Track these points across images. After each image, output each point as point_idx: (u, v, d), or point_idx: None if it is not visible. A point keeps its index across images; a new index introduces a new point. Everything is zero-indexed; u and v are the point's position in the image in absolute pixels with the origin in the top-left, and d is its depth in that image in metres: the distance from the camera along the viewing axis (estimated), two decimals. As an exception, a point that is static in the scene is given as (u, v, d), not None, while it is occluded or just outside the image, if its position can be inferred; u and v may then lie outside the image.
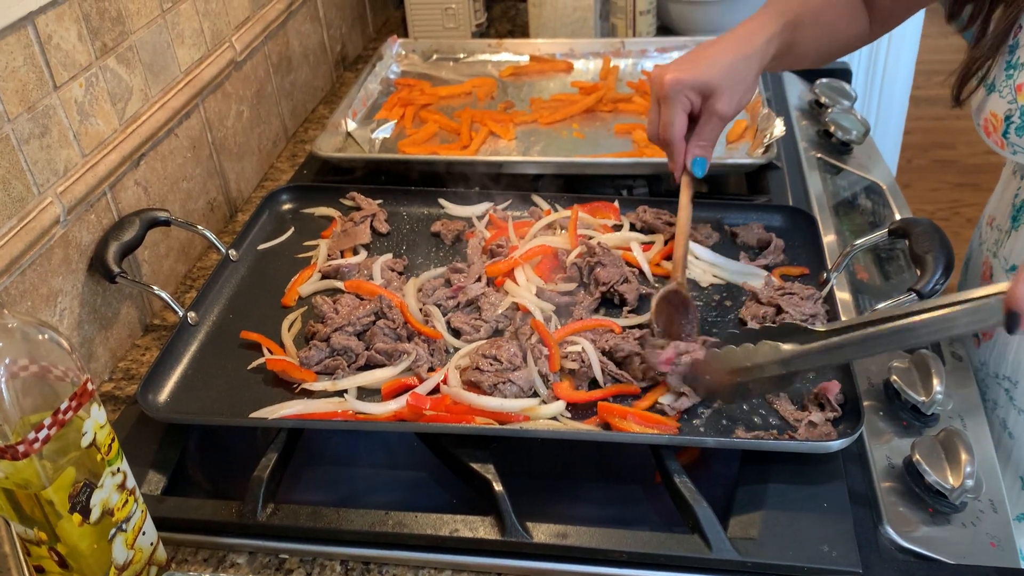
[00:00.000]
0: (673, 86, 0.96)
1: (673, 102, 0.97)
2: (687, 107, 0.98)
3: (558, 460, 0.94)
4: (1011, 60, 0.94)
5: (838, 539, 0.77)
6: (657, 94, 0.98)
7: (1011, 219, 1.02)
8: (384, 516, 0.81)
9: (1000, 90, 0.95)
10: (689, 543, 0.77)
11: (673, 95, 0.96)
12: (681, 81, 0.96)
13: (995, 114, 0.95)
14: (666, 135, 0.99)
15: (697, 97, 0.97)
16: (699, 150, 1.01)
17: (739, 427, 0.87)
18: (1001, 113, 0.94)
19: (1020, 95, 0.93)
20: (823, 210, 1.26)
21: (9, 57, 0.87)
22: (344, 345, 0.97)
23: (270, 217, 1.24)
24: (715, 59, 0.96)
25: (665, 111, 0.98)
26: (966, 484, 0.79)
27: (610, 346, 0.95)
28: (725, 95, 0.97)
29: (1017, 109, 0.93)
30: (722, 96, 0.97)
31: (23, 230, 0.89)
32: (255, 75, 1.40)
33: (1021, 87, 0.93)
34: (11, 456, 0.63)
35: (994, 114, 0.95)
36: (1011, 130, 0.94)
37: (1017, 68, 0.93)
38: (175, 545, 0.83)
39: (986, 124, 0.97)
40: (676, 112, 0.97)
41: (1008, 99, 0.94)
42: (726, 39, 0.99)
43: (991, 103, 0.96)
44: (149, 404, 0.92)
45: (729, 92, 0.97)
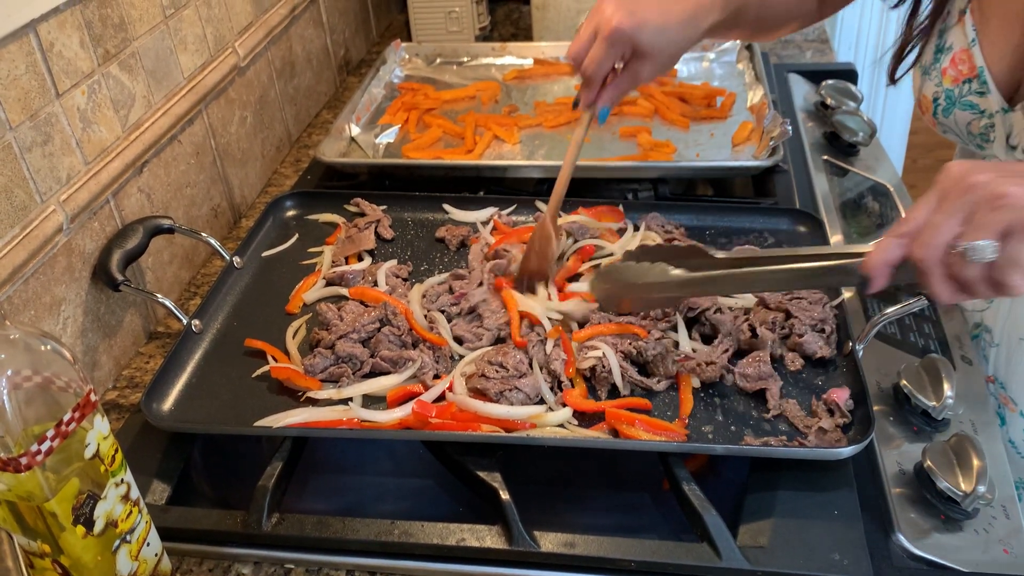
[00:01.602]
0: (615, 34, 0.96)
1: (609, 46, 0.98)
2: (618, 56, 0.99)
3: (565, 468, 0.93)
4: (940, 43, 0.97)
5: (849, 547, 0.76)
6: (598, 29, 0.98)
7: None
8: (390, 525, 0.80)
9: (930, 73, 0.99)
10: (698, 552, 0.76)
11: (612, 41, 0.97)
12: (623, 34, 0.96)
13: (926, 96, 0.99)
14: (590, 70, 1.00)
15: (630, 52, 0.99)
16: (609, 100, 1.03)
17: (748, 434, 0.86)
18: (930, 95, 0.98)
19: (945, 78, 0.96)
20: (830, 212, 1.25)
21: (11, 65, 0.87)
22: (349, 352, 0.96)
23: (274, 224, 1.24)
24: (662, 24, 0.97)
25: (599, 49, 0.98)
26: (978, 490, 0.78)
27: (636, 348, 0.94)
28: (653, 63, 0.99)
29: (942, 91, 0.97)
30: (650, 62, 0.99)
31: (26, 239, 0.89)
32: (258, 80, 1.40)
33: (945, 71, 0.96)
34: (14, 468, 0.62)
35: (925, 96, 1.00)
36: (938, 111, 0.99)
37: (944, 52, 0.96)
38: (180, 555, 0.82)
39: (920, 104, 1.02)
40: (608, 56, 0.99)
41: (935, 82, 0.98)
42: (677, 5, 0.99)
43: (924, 85, 1.00)
44: (153, 413, 0.91)
45: (658, 61, 1.00)
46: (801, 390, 0.91)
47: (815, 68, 1.65)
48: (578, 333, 0.98)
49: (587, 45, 0.99)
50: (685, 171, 1.29)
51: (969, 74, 0.93)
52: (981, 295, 0.67)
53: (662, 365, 0.93)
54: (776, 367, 0.93)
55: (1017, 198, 0.63)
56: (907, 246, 0.69)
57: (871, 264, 0.71)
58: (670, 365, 0.93)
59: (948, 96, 0.95)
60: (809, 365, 0.94)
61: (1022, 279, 0.64)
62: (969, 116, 0.95)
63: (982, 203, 0.64)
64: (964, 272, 0.66)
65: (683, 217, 1.19)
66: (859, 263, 0.73)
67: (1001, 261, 0.64)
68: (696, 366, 0.92)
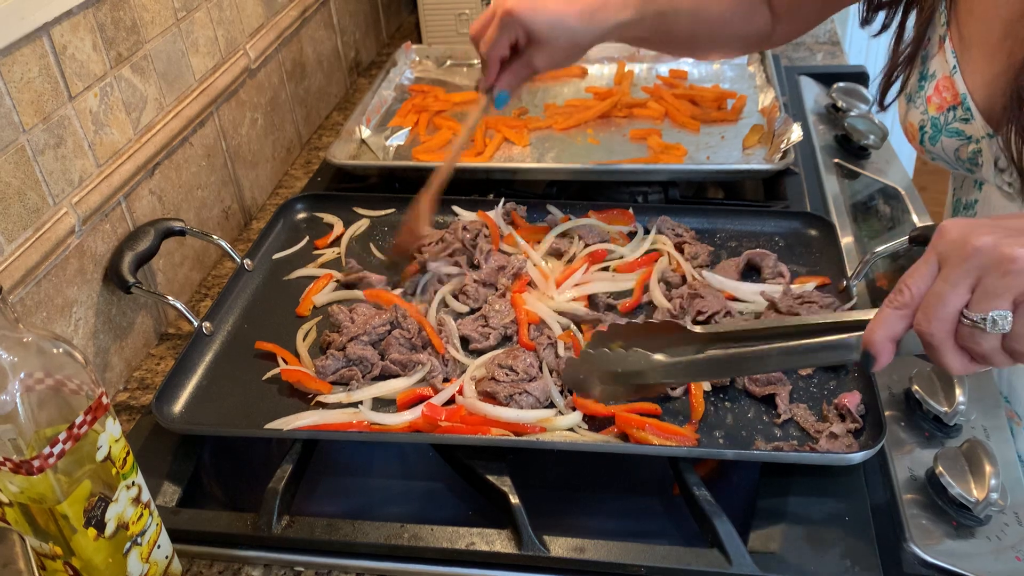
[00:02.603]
0: (506, 16, 0.97)
1: (501, 29, 0.98)
2: (511, 39, 0.99)
3: (575, 472, 0.93)
4: (923, 71, 0.95)
5: (860, 553, 0.76)
6: (495, 11, 0.98)
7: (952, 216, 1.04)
8: (400, 529, 0.80)
9: (915, 101, 0.96)
10: (709, 557, 0.76)
11: (504, 24, 0.97)
12: (515, 17, 0.96)
13: (912, 123, 0.97)
14: (483, 50, 1.01)
15: (524, 37, 0.98)
16: (506, 85, 1.04)
17: (759, 439, 0.86)
18: (916, 123, 0.96)
19: (930, 106, 0.94)
20: (841, 215, 1.25)
21: (24, 68, 0.87)
22: (360, 355, 0.96)
23: (285, 226, 1.24)
24: (560, 14, 0.97)
25: (491, 30, 0.99)
26: (991, 497, 0.78)
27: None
28: (547, 52, 0.99)
29: (928, 119, 0.94)
30: (544, 51, 0.99)
31: (38, 241, 0.89)
32: (269, 82, 1.40)
33: (930, 98, 0.94)
34: (26, 471, 0.63)
35: (911, 123, 0.97)
36: (925, 139, 0.96)
37: (927, 79, 0.94)
38: (190, 557, 0.82)
39: (906, 132, 1.00)
40: (501, 39, 0.99)
41: (920, 110, 0.95)
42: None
43: (909, 113, 0.98)
44: (164, 415, 0.91)
45: (551, 51, 0.99)
46: (812, 395, 0.91)
47: (826, 71, 1.65)
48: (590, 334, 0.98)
49: (485, 24, 1.00)
50: (696, 174, 1.29)
51: (953, 101, 0.91)
52: (998, 365, 0.62)
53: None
54: (786, 372, 0.93)
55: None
56: (910, 317, 0.64)
57: (872, 340, 0.65)
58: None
59: (934, 124, 0.93)
60: (820, 370, 0.94)
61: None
62: (956, 143, 0.93)
63: (990, 268, 0.59)
64: (979, 344, 0.61)
65: (693, 220, 1.19)
66: (858, 338, 0.67)
67: (1019, 329, 0.59)
68: None
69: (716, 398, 0.91)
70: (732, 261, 1.09)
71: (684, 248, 1.12)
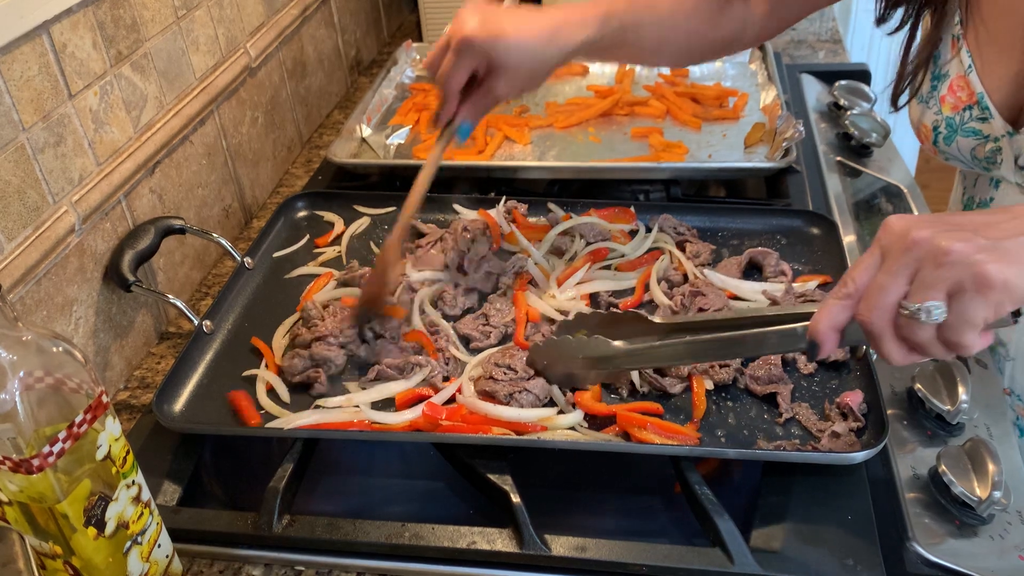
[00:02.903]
0: (463, 44, 0.91)
1: (459, 58, 0.92)
2: (470, 68, 0.93)
3: (577, 471, 0.93)
4: (935, 71, 0.95)
5: (863, 552, 0.75)
6: (451, 38, 0.93)
7: None
8: (400, 528, 0.80)
9: (927, 102, 0.96)
10: (711, 556, 0.75)
11: (462, 50, 0.91)
12: (472, 45, 0.90)
13: (925, 124, 0.97)
14: (444, 81, 0.95)
15: (484, 65, 0.93)
16: (468, 116, 0.98)
17: (761, 438, 0.85)
18: (930, 124, 0.96)
19: (944, 106, 0.94)
20: (843, 213, 1.24)
21: (24, 66, 0.87)
22: (324, 355, 0.96)
23: (285, 224, 1.24)
24: (519, 39, 0.91)
25: (448, 59, 0.93)
26: (994, 495, 0.78)
27: None
28: (509, 79, 0.93)
29: (942, 120, 0.94)
30: (505, 78, 0.93)
31: (38, 239, 0.89)
32: (270, 81, 1.40)
33: (944, 99, 0.94)
34: (26, 470, 0.62)
35: (925, 125, 0.97)
36: (939, 140, 0.96)
37: (941, 79, 0.94)
38: (190, 557, 0.82)
39: (919, 133, 0.99)
40: (458, 68, 0.93)
41: (934, 110, 0.95)
42: (540, 19, 0.93)
43: (923, 114, 0.97)
44: (164, 414, 0.91)
45: (514, 77, 0.93)
46: (814, 394, 0.91)
47: (828, 69, 1.64)
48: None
49: (441, 54, 0.94)
50: (697, 172, 1.28)
51: (968, 101, 0.91)
52: (935, 355, 0.63)
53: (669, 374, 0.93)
54: (788, 370, 0.93)
55: (961, 254, 0.59)
56: (853, 307, 0.65)
57: (817, 329, 0.67)
58: (684, 367, 0.92)
59: (949, 124, 0.93)
60: (822, 368, 0.94)
61: (975, 338, 0.61)
62: (973, 142, 0.93)
63: (926, 260, 0.60)
64: (915, 333, 0.62)
65: (695, 219, 1.18)
66: (804, 328, 0.69)
67: (952, 320, 0.60)
68: (709, 367, 0.92)
69: (718, 397, 0.91)
70: (734, 259, 1.09)
71: (686, 246, 1.12)
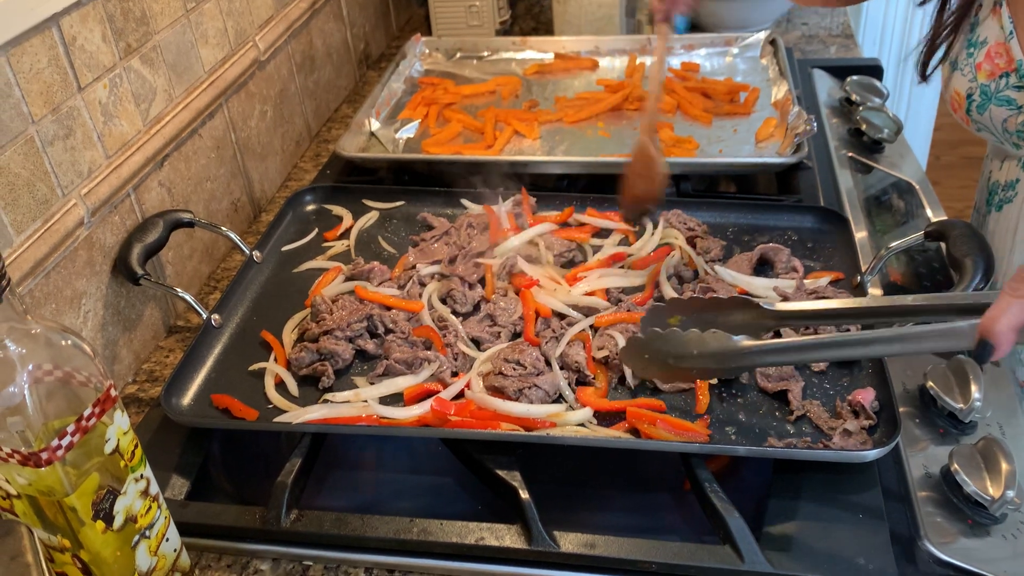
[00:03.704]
0: None
1: None
2: None
3: (586, 467, 0.93)
4: (971, 38, 0.95)
5: (874, 551, 0.75)
6: None
7: (986, 201, 1.03)
8: (409, 523, 0.80)
9: (962, 68, 0.96)
10: (721, 554, 0.75)
11: None
12: None
13: (958, 92, 0.96)
14: None
15: None
16: (685, 10, 1.07)
17: (771, 435, 0.85)
18: (963, 91, 0.96)
19: (980, 73, 0.93)
20: (854, 208, 1.24)
21: (34, 59, 0.87)
22: (331, 349, 0.96)
23: (294, 218, 1.24)
24: None
25: None
26: (1007, 495, 0.77)
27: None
28: None
29: (977, 87, 0.94)
30: None
31: (47, 232, 0.89)
32: (278, 74, 1.40)
33: (980, 65, 0.93)
34: (34, 463, 0.62)
35: (957, 92, 0.97)
36: (972, 108, 0.95)
37: (976, 47, 0.94)
38: (198, 551, 0.82)
39: (952, 101, 0.99)
40: None
41: (969, 77, 0.95)
42: None
43: (955, 81, 0.97)
44: (173, 408, 0.91)
45: None
46: (825, 391, 0.90)
47: (840, 63, 1.63)
48: (601, 318, 0.99)
49: None
50: (708, 167, 1.28)
51: (1007, 68, 0.91)
52: None
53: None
54: (799, 367, 0.92)
55: None
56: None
57: (993, 329, 0.62)
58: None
59: (983, 91, 0.93)
60: (833, 365, 0.93)
61: None
62: (1005, 112, 0.93)
63: None
64: None
65: (705, 214, 1.18)
66: (972, 326, 0.63)
67: None
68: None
69: (728, 394, 0.91)
70: (744, 255, 1.08)
71: (696, 242, 1.11)
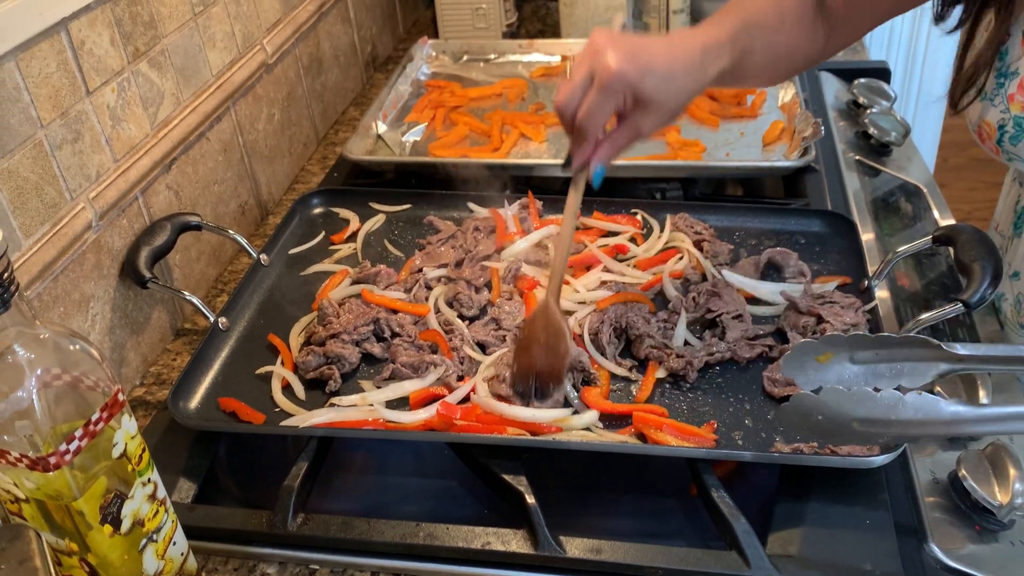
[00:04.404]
0: (616, 81, 0.81)
1: (608, 95, 0.83)
2: (619, 105, 0.84)
3: (592, 472, 0.93)
4: (1001, 68, 0.92)
5: (881, 558, 0.75)
6: (595, 72, 0.83)
7: (1013, 226, 1.01)
8: (415, 528, 0.80)
9: (992, 99, 0.93)
10: (727, 560, 0.75)
11: (612, 89, 0.82)
12: (626, 79, 0.82)
13: (989, 123, 0.94)
14: (585, 122, 0.85)
15: (631, 100, 0.84)
16: (605, 158, 0.89)
17: (778, 440, 0.85)
18: (995, 122, 0.93)
19: (1013, 104, 0.91)
20: (862, 212, 1.23)
21: (43, 63, 0.87)
22: (338, 353, 0.96)
23: (301, 221, 1.24)
24: (668, 71, 0.83)
25: (596, 97, 0.83)
26: (1015, 501, 0.77)
27: (625, 322, 0.97)
28: (655, 114, 0.85)
29: (1010, 119, 0.91)
30: (652, 114, 0.85)
31: (56, 236, 0.89)
32: (286, 77, 1.40)
33: (1013, 97, 0.91)
34: (43, 467, 0.62)
35: (988, 123, 0.94)
36: (1005, 139, 0.92)
37: (1008, 76, 0.91)
38: (205, 554, 0.82)
39: (980, 131, 0.96)
40: (605, 107, 0.84)
41: (1000, 108, 0.92)
42: (684, 47, 0.85)
43: (985, 111, 0.94)
44: (180, 411, 0.91)
45: (660, 113, 0.86)
46: (832, 396, 0.90)
47: (847, 66, 1.63)
48: (602, 301, 1.01)
49: (580, 93, 0.84)
50: (715, 171, 1.28)
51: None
52: None
53: (640, 346, 0.95)
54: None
55: None
56: None
57: None
58: (643, 347, 0.94)
59: (1017, 123, 0.89)
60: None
61: None
62: None
63: None
64: None
65: (712, 218, 1.17)
66: None
67: None
68: (664, 354, 0.93)
69: (735, 399, 0.90)
70: (751, 260, 1.08)
71: (703, 246, 1.11)
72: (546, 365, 0.89)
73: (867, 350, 0.68)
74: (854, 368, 0.69)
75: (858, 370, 0.69)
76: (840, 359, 0.68)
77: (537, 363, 0.90)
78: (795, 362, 0.71)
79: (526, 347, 0.91)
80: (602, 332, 0.96)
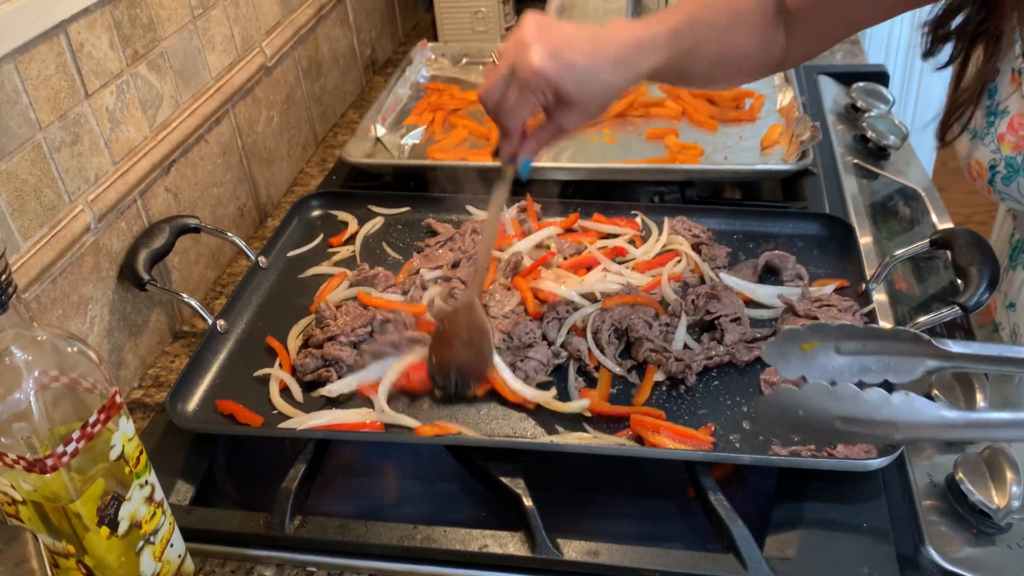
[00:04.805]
0: (535, 79, 0.81)
1: (526, 92, 0.82)
2: (541, 102, 0.83)
3: (589, 474, 0.93)
4: (991, 106, 0.91)
5: (878, 560, 0.75)
6: (516, 71, 0.82)
7: (1008, 258, 1.01)
8: (413, 530, 0.80)
9: (983, 137, 0.91)
10: (724, 563, 0.75)
11: (531, 86, 0.81)
12: (545, 79, 0.81)
13: (979, 162, 0.92)
14: (507, 120, 0.85)
15: (552, 99, 0.83)
16: (531, 152, 0.89)
17: (776, 443, 0.85)
18: (986, 162, 0.91)
19: (1004, 144, 0.89)
20: (860, 216, 1.23)
21: (41, 65, 0.87)
22: (336, 355, 0.96)
23: (299, 223, 1.24)
24: (591, 67, 0.82)
25: (516, 95, 0.83)
26: (1012, 504, 0.77)
27: (627, 324, 0.96)
28: (579, 111, 0.84)
29: (1001, 159, 0.90)
30: (576, 111, 0.84)
31: (54, 238, 0.89)
32: (285, 80, 1.40)
33: (1003, 136, 0.89)
34: (40, 469, 0.63)
35: (979, 162, 0.92)
36: (996, 179, 0.91)
37: (998, 115, 0.90)
38: (203, 556, 0.82)
39: (970, 170, 0.94)
40: (525, 103, 0.83)
41: (991, 148, 0.91)
42: (611, 43, 0.83)
43: (975, 150, 0.92)
44: (178, 413, 0.91)
45: (583, 110, 0.84)
46: (830, 399, 0.90)
47: (845, 70, 1.63)
48: (608, 300, 1.00)
49: (502, 87, 0.83)
50: (713, 174, 1.28)
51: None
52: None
53: (639, 348, 0.95)
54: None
55: None
56: None
57: None
58: (642, 350, 0.94)
59: (1009, 164, 0.88)
60: (838, 373, 0.93)
61: None
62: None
63: None
64: None
65: (710, 221, 1.18)
66: None
67: None
68: (663, 358, 0.93)
69: (732, 401, 0.91)
70: (749, 263, 1.08)
71: (702, 249, 1.11)
72: (468, 362, 0.90)
73: (854, 341, 0.65)
74: (840, 359, 0.66)
75: (844, 362, 0.66)
76: (826, 348, 0.66)
77: (458, 359, 0.90)
78: (778, 349, 0.67)
79: (447, 341, 0.91)
80: (602, 332, 0.96)
